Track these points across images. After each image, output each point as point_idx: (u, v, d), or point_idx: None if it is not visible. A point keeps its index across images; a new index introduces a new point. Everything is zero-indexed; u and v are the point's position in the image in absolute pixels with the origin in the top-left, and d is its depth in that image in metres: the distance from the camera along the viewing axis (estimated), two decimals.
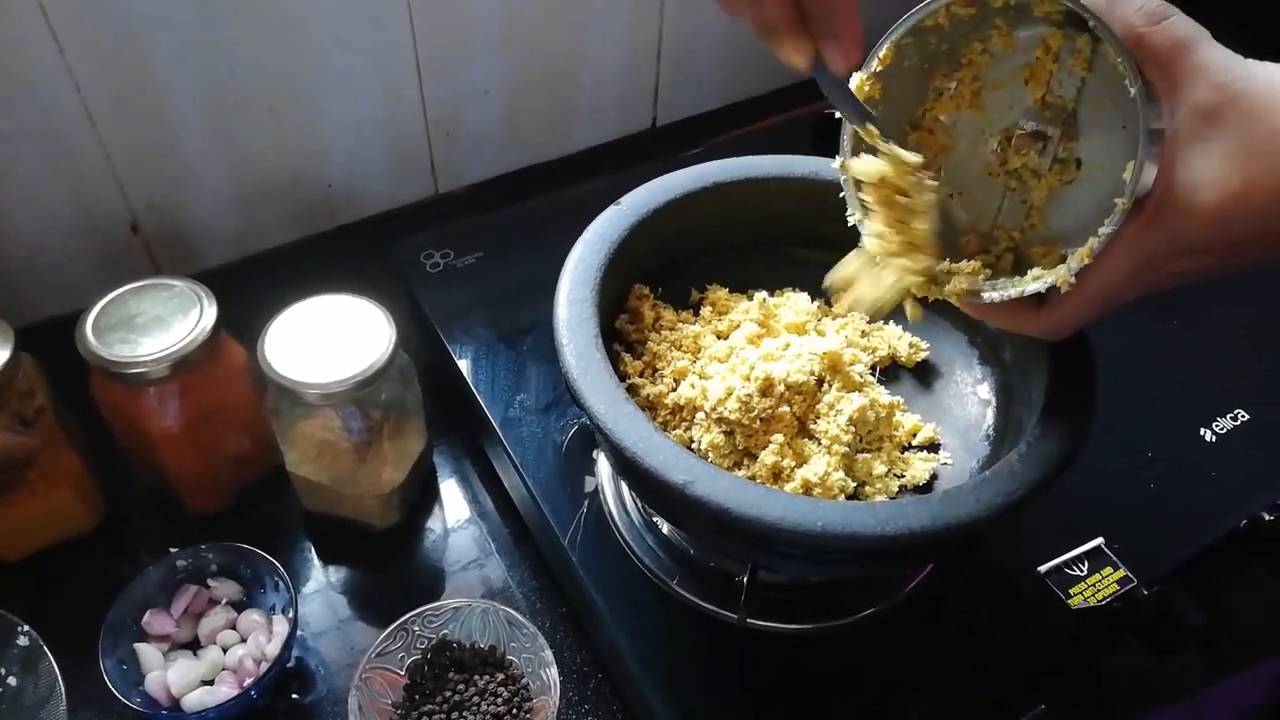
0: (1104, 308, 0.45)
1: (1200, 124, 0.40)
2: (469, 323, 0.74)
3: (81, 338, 0.61)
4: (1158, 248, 0.42)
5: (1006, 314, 0.49)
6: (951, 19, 0.48)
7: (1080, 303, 0.45)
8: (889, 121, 0.52)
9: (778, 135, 0.96)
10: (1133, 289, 0.44)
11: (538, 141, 0.95)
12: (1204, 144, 0.40)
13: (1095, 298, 0.45)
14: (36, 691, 0.58)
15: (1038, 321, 0.48)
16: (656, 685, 0.57)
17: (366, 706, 0.58)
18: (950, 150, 0.53)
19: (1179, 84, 0.41)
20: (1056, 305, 0.46)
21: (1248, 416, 0.71)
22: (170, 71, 0.72)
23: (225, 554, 0.64)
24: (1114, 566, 0.62)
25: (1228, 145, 0.40)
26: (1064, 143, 0.49)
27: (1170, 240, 0.42)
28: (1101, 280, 0.44)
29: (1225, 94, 0.40)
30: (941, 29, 0.49)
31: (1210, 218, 0.41)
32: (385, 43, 0.80)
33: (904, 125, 0.53)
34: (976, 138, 0.52)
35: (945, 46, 0.50)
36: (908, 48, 0.49)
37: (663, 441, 0.49)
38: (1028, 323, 0.48)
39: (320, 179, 0.85)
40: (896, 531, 0.46)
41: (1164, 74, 0.41)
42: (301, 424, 0.67)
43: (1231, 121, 0.40)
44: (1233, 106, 0.40)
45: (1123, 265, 0.43)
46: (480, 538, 0.72)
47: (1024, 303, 0.48)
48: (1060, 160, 0.50)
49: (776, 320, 0.62)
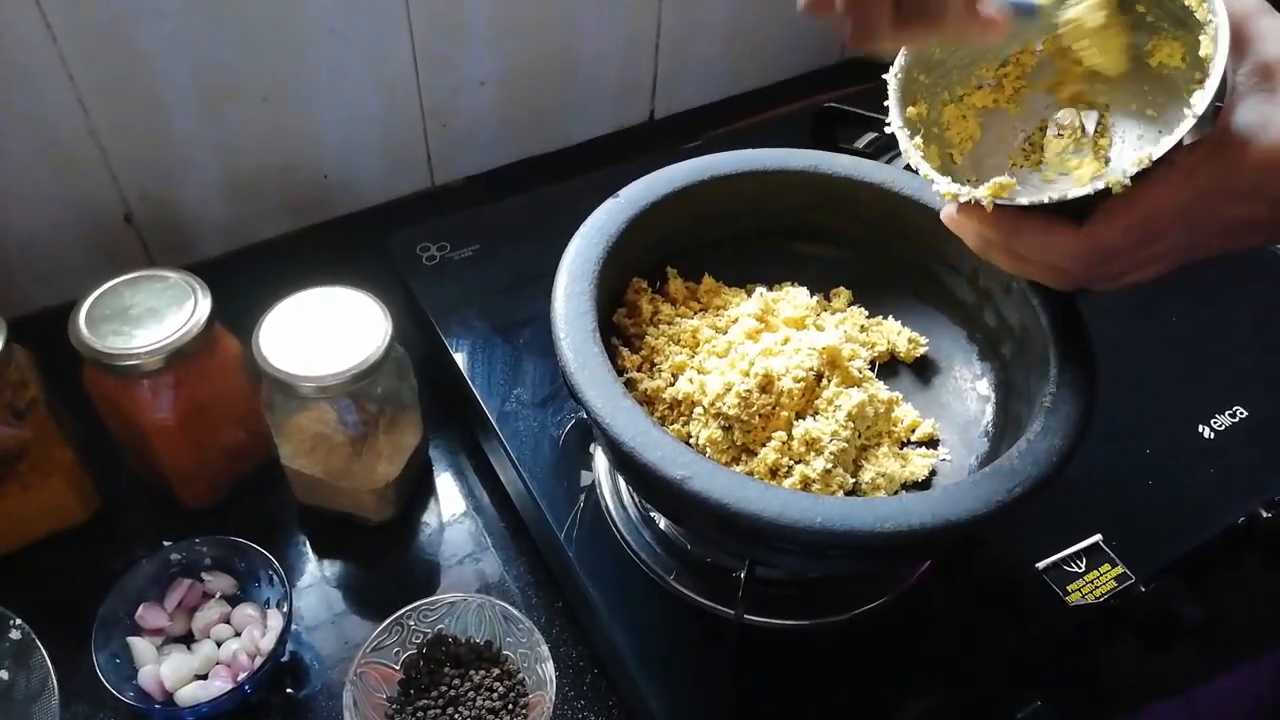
0: (1149, 234, 0.44)
1: (1262, 78, 0.43)
2: (465, 316, 0.74)
3: (74, 329, 0.60)
4: (1210, 183, 0.43)
5: (1039, 230, 0.46)
6: None
7: (1124, 225, 0.44)
8: (934, 93, 0.53)
9: (776, 128, 0.95)
10: (1180, 221, 0.44)
11: (534, 134, 0.95)
12: (1265, 94, 0.42)
13: (1144, 219, 0.44)
14: (29, 685, 0.58)
15: (1076, 240, 0.45)
16: (653, 680, 0.57)
17: (362, 701, 0.57)
18: (976, 139, 0.54)
19: (1245, 44, 0.43)
20: (1101, 221, 0.45)
21: (1245, 414, 0.71)
22: (164, 61, 0.72)
23: (219, 547, 0.64)
24: (1112, 563, 0.62)
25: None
26: (1096, 139, 0.50)
27: (1223, 178, 0.43)
28: (1151, 204, 0.44)
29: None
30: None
31: (1264, 161, 0.42)
32: (380, 33, 0.79)
33: (942, 100, 0.54)
34: (1005, 131, 0.53)
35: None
36: None
37: (661, 436, 0.49)
38: (1060, 241, 0.46)
39: (315, 170, 0.85)
40: (896, 528, 0.46)
41: (1241, 30, 0.44)
42: (296, 417, 0.67)
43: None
44: None
45: (1174, 195, 0.43)
46: (476, 532, 0.71)
47: (1060, 221, 0.46)
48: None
49: (775, 315, 0.61)
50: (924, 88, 0.53)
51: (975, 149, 0.55)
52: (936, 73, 0.54)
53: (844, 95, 0.91)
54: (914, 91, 0.53)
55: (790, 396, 0.55)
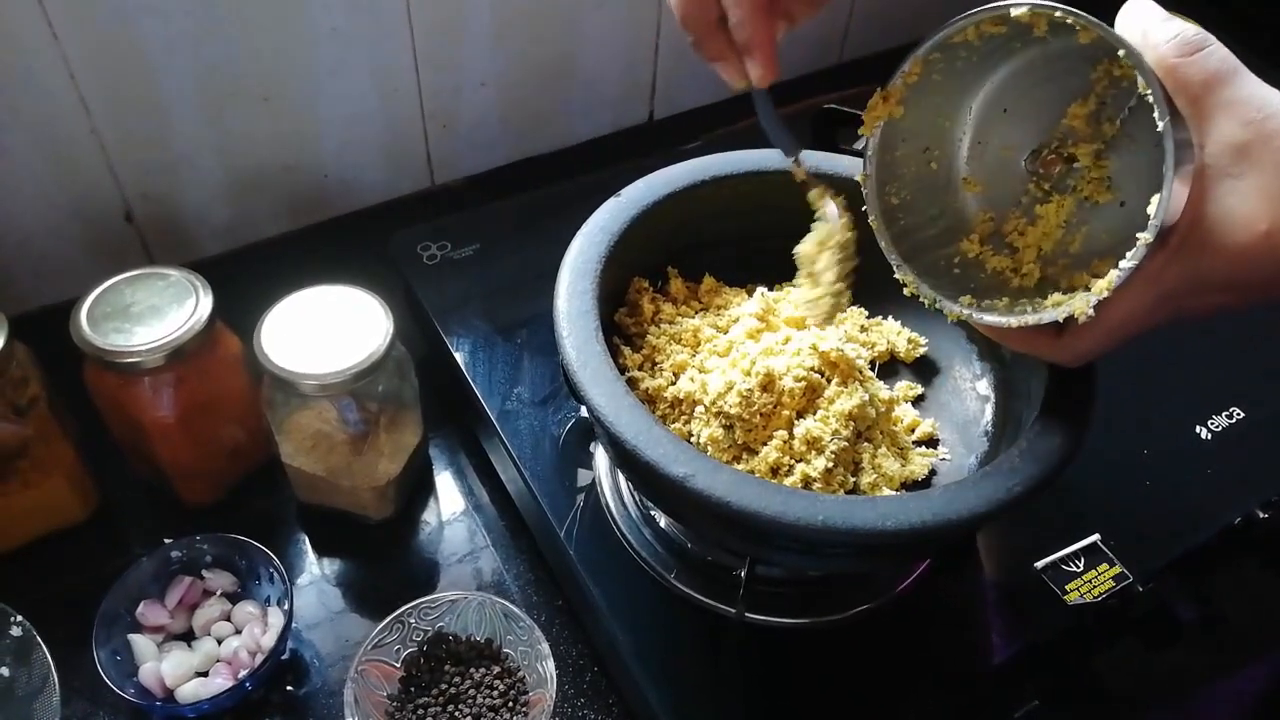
0: (1123, 338, 0.45)
1: (1230, 160, 0.39)
2: (466, 315, 0.74)
3: (76, 326, 0.60)
4: (1179, 283, 0.42)
5: (1024, 338, 0.49)
6: (981, 35, 0.48)
7: (1098, 334, 0.45)
8: (917, 132, 0.53)
9: None
10: (1151, 320, 0.44)
11: (534, 134, 0.95)
12: (1233, 181, 0.39)
13: (1114, 329, 0.45)
14: (30, 682, 0.58)
15: (1056, 348, 0.48)
16: (653, 679, 0.57)
17: (362, 699, 0.57)
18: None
19: (1210, 118, 0.40)
20: (1075, 334, 0.47)
21: (1243, 414, 0.72)
22: (165, 60, 0.72)
23: (220, 545, 0.64)
24: (1110, 563, 0.62)
25: (1257, 184, 0.39)
26: (1096, 165, 0.50)
27: (1192, 277, 0.42)
28: (1120, 313, 0.44)
29: (1258, 131, 0.39)
30: (971, 45, 0.49)
31: (1235, 257, 0.40)
32: (381, 33, 0.79)
33: (927, 137, 0.54)
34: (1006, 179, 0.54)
35: (975, 59, 0.51)
36: (935, 62, 0.50)
37: (663, 435, 0.49)
38: (1045, 349, 0.49)
39: (315, 169, 0.85)
40: (897, 526, 0.46)
41: (1196, 108, 0.40)
42: (297, 415, 0.67)
43: (1262, 160, 0.39)
44: (1265, 145, 0.39)
45: (1143, 298, 0.43)
46: (476, 530, 0.72)
47: (1043, 329, 0.48)
48: (1093, 180, 0.50)
49: (776, 315, 0.61)
50: (907, 133, 0.53)
51: (982, 161, 0.54)
52: (919, 109, 0.53)
53: (844, 96, 0.91)
54: (898, 145, 0.53)
55: (791, 396, 0.55)
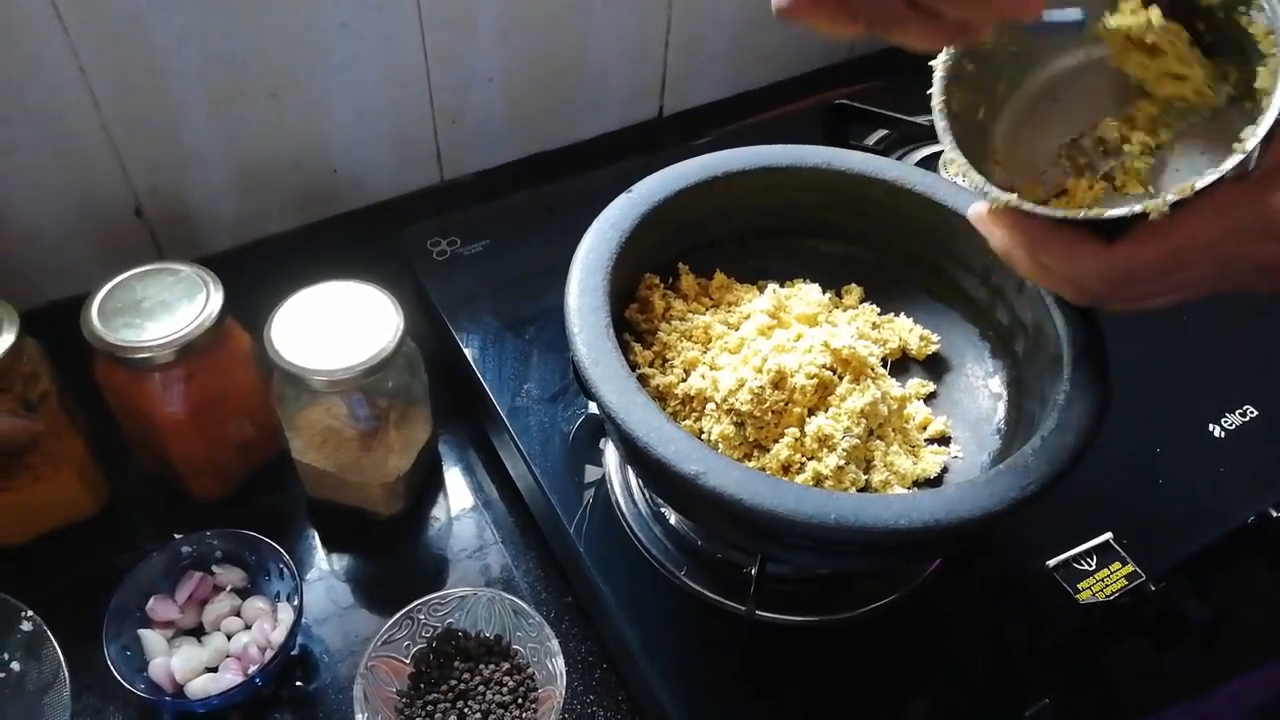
0: (1172, 269, 0.44)
1: None
2: (475, 311, 0.74)
3: (86, 322, 0.60)
4: (1246, 219, 0.42)
5: (1068, 243, 0.45)
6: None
7: (1155, 252, 0.43)
8: (978, 86, 0.52)
9: (787, 125, 0.95)
10: (1208, 259, 0.43)
11: (544, 130, 0.95)
12: None
13: (1171, 252, 0.43)
14: (40, 677, 0.58)
15: (1102, 258, 0.44)
16: (663, 676, 0.57)
17: (372, 694, 0.57)
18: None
19: None
20: (1135, 241, 0.44)
21: (1256, 413, 0.71)
22: (174, 55, 0.72)
23: (230, 541, 0.64)
24: (1123, 561, 0.62)
25: None
26: (1141, 156, 0.49)
27: (1262, 215, 0.42)
28: (1185, 234, 0.43)
29: None
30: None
31: None
32: (390, 28, 0.79)
33: (984, 91, 0.53)
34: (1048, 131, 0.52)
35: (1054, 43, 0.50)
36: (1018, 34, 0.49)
37: (675, 432, 0.49)
38: (1088, 257, 0.45)
39: (324, 165, 0.85)
40: (910, 524, 0.46)
41: None
42: (307, 411, 0.67)
43: None
44: None
45: (1209, 228, 0.42)
46: (485, 527, 0.71)
47: (1089, 240, 0.45)
48: (1130, 171, 0.49)
49: (788, 311, 0.61)
50: (970, 78, 0.51)
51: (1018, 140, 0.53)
52: (986, 65, 0.51)
53: (855, 92, 0.91)
54: (961, 80, 0.51)
55: (803, 393, 0.55)
